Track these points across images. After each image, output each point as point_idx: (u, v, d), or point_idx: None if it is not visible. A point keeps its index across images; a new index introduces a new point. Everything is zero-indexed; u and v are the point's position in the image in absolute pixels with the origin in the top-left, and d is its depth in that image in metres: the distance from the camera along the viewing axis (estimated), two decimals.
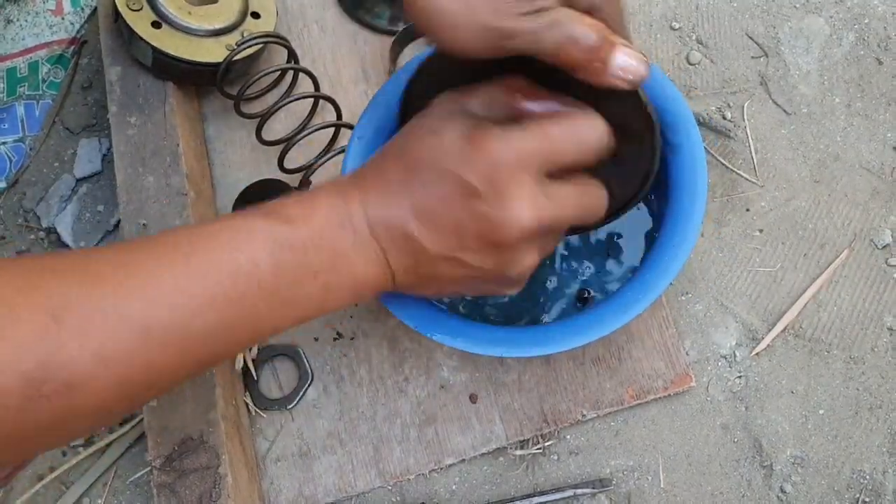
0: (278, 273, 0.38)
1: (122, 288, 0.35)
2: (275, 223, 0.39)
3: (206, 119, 0.67)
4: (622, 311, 0.47)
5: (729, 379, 0.58)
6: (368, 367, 0.59)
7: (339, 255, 0.40)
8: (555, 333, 0.48)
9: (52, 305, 0.33)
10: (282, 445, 0.58)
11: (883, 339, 0.59)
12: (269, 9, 0.66)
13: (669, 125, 0.49)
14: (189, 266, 0.36)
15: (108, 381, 0.34)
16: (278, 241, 0.38)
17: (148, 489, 0.59)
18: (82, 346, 0.33)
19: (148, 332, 0.35)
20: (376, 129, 0.52)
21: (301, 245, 0.39)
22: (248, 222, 0.39)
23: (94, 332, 0.33)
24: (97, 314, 0.34)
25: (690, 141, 0.49)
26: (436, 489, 0.57)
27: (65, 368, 0.32)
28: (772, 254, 0.61)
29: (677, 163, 0.49)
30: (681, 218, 0.48)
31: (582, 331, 0.47)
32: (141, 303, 0.35)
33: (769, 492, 0.56)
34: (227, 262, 0.37)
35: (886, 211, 0.62)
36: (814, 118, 0.64)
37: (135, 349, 0.34)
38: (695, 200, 0.48)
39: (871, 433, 0.57)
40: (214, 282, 0.36)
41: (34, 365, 0.32)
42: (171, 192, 0.59)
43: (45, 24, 0.71)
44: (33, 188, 0.68)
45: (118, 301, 0.34)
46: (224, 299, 0.37)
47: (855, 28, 0.67)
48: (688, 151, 0.49)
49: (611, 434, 0.57)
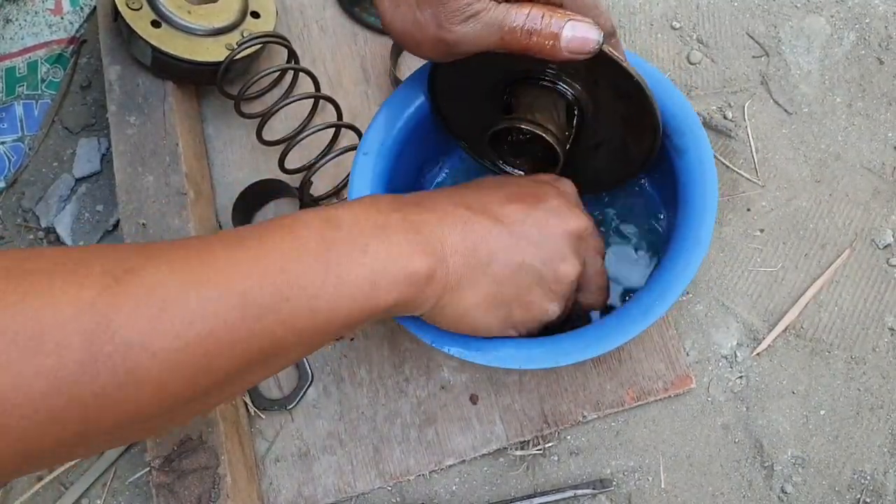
0: (327, 248, 0.38)
1: (176, 262, 0.35)
2: (320, 210, 0.41)
3: (205, 119, 0.67)
4: (641, 317, 0.46)
5: (730, 379, 0.58)
6: (368, 368, 0.59)
7: (390, 231, 0.41)
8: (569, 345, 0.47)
9: (112, 270, 0.34)
10: (281, 446, 0.58)
11: (884, 339, 0.59)
12: (269, 9, 0.66)
13: (676, 129, 0.50)
14: (243, 245, 0.37)
15: (169, 345, 0.34)
16: (326, 220, 0.40)
17: (147, 489, 0.59)
18: (142, 307, 0.33)
19: (205, 301, 0.35)
20: (382, 143, 0.51)
21: (347, 223, 0.40)
22: (296, 215, 0.40)
23: (153, 295, 0.34)
24: (156, 280, 0.34)
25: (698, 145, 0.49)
26: (436, 490, 0.57)
27: (124, 327, 0.32)
28: (773, 254, 0.61)
29: (685, 168, 0.49)
30: (693, 220, 0.48)
31: (598, 341, 0.46)
32: (197, 274, 0.35)
33: (770, 492, 0.56)
34: (278, 241, 0.38)
35: (888, 211, 0.61)
36: (815, 118, 0.64)
37: (193, 316, 0.34)
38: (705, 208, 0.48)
39: (872, 433, 0.57)
40: (268, 259, 0.37)
41: (95, 321, 0.32)
42: (170, 192, 0.59)
43: (44, 23, 0.71)
44: (32, 188, 0.68)
45: (175, 270, 0.35)
46: (279, 272, 0.37)
47: (856, 28, 0.67)
48: (695, 155, 0.49)
49: (611, 434, 0.57)
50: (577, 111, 0.48)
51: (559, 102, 0.48)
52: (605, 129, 0.50)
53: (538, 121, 0.46)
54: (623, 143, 0.51)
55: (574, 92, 0.48)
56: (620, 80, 0.45)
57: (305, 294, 0.37)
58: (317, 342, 0.40)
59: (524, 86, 0.48)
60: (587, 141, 0.51)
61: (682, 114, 0.50)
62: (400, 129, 0.52)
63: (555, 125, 0.47)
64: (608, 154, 0.52)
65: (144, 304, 0.33)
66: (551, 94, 0.48)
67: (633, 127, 0.49)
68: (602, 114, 0.49)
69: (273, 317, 0.37)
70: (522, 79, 0.48)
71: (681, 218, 0.49)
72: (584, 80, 0.47)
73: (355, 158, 0.51)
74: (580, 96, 0.48)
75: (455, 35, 0.41)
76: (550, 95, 0.48)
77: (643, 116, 0.47)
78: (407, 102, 0.52)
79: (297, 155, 0.61)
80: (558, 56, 0.41)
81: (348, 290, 0.39)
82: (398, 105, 0.52)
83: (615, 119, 0.49)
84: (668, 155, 0.50)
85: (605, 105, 0.48)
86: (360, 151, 0.51)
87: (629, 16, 0.68)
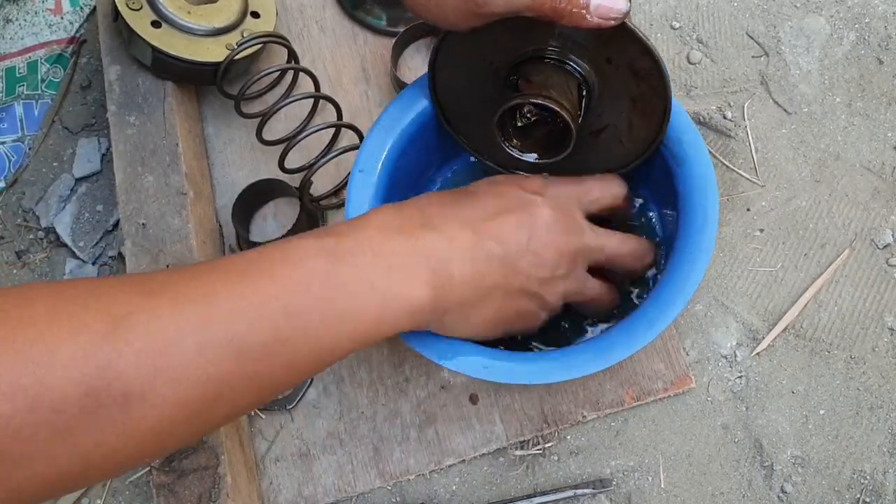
0: (330, 284, 0.38)
1: (178, 301, 0.35)
2: (325, 237, 0.40)
3: (205, 119, 0.67)
4: (649, 327, 0.46)
5: (729, 379, 0.58)
6: (368, 368, 0.59)
7: (395, 262, 0.40)
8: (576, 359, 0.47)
9: (112, 314, 0.33)
10: (281, 446, 0.58)
11: (884, 339, 0.59)
12: (269, 8, 0.66)
13: (673, 138, 0.49)
14: (244, 281, 0.37)
15: (168, 394, 0.33)
16: (330, 252, 0.39)
17: (147, 489, 0.59)
18: (140, 354, 0.33)
19: (204, 345, 0.34)
20: (378, 159, 0.51)
21: (351, 252, 0.39)
22: (299, 241, 0.40)
23: (152, 341, 0.33)
24: (155, 324, 0.34)
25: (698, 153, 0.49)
26: (436, 489, 0.57)
27: (123, 377, 0.32)
28: (772, 253, 0.61)
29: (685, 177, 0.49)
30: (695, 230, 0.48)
31: (603, 354, 0.46)
32: (196, 316, 0.35)
33: (770, 492, 0.56)
34: (281, 277, 0.37)
35: (887, 211, 0.61)
36: (814, 118, 0.64)
37: (191, 361, 0.34)
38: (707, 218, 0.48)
39: (871, 433, 0.57)
40: (269, 295, 0.37)
41: (93, 372, 0.32)
42: (170, 192, 0.59)
43: (44, 23, 0.71)
44: (32, 188, 0.68)
45: (175, 312, 0.34)
46: (280, 312, 0.36)
47: (855, 27, 0.67)
48: (696, 164, 0.49)
49: (611, 434, 0.57)
50: (585, 91, 0.48)
51: (571, 81, 0.47)
52: (610, 111, 0.49)
53: (553, 96, 0.45)
54: (628, 127, 0.50)
55: (583, 71, 0.47)
56: (637, 56, 0.45)
57: (306, 335, 0.37)
58: (316, 373, 0.40)
59: (534, 65, 0.47)
60: (590, 125, 0.50)
61: (680, 122, 0.49)
62: (395, 143, 0.52)
63: (569, 102, 0.46)
64: (609, 140, 0.51)
65: (143, 353, 0.33)
66: (562, 73, 0.47)
67: (641, 109, 0.48)
68: (609, 94, 0.48)
69: (272, 359, 0.36)
70: (530, 59, 0.47)
71: (682, 228, 0.48)
72: (594, 58, 0.46)
73: (351, 175, 0.51)
74: (588, 76, 0.47)
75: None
76: (561, 74, 0.47)
77: (654, 97, 0.47)
78: (403, 114, 0.52)
79: (297, 155, 0.61)
80: (584, 22, 0.41)
81: (352, 326, 0.39)
82: (394, 117, 0.52)
83: (623, 100, 0.48)
84: (666, 164, 0.50)
85: (615, 84, 0.47)
86: (356, 168, 0.51)
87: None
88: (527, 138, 0.49)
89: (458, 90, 0.52)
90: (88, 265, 0.65)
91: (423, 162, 0.57)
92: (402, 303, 0.40)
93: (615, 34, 0.42)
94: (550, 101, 0.44)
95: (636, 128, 0.50)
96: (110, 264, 0.65)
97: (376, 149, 0.51)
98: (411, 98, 0.53)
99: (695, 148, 0.49)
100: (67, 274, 0.65)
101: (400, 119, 0.52)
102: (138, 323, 0.33)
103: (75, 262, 0.65)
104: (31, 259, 0.66)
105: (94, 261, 0.65)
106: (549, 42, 0.46)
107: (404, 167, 0.53)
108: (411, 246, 0.41)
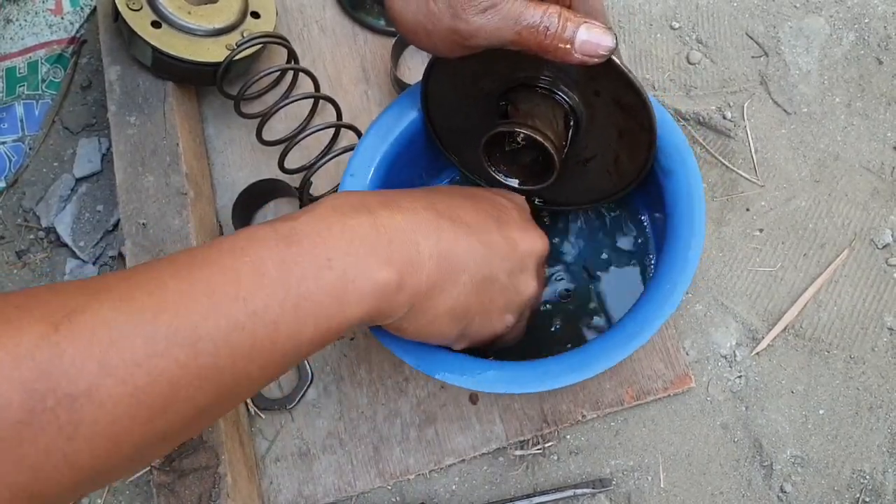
0: (286, 268, 0.36)
1: (124, 297, 0.33)
2: (278, 224, 0.38)
3: (205, 119, 0.67)
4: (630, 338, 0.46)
5: (729, 379, 0.58)
6: (368, 367, 0.59)
7: (355, 239, 0.38)
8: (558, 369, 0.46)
9: (52, 315, 0.31)
10: (281, 445, 0.58)
11: (883, 339, 0.59)
12: (269, 9, 0.66)
13: (662, 150, 0.49)
14: (193, 272, 0.35)
15: (117, 392, 0.31)
16: (285, 237, 0.37)
17: (148, 489, 0.59)
18: (85, 352, 0.31)
19: (153, 339, 0.32)
20: (370, 164, 0.51)
21: (307, 234, 0.37)
22: (254, 230, 0.38)
23: (96, 338, 0.31)
24: (99, 320, 0.32)
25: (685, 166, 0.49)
26: (436, 489, 0.57)
27: (66, 376, 0.30)
28: (772, 253, 0.61)
29: (672, 190, 0.49)
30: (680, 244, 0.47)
31: (586, 364, 0.46)
32: (144, 310, 0.33)
33: (769, 491, 0.56)
34: (233, 265, 0.36)
35: (887, 210, 0.62)
36: (814, 118, 0.64)
37: (141, 356, 0.32)
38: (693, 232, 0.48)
39: (871, 433, 0.57)
40: (221, 284, 0.35)
41: (35, 374, 0.30)
42: (170, 192, 0.59)
43: (44, 23, 0.71)
44: (33, 188, 0.68)
45: (121, 307, 0.33)
46: (233, 300, 0.35)
47: (855, 28, 0.67)
48: (683, 178, 0.49)
49: (611, 434, 0.57)
50: (573, 121, 0.48)
51: (557, 111, 0.47)
52: (598, 142, 0.49)
53: (538, 126, 0.45)
54: (615, 159, 0.50)
55: (571, 102, 0.47)
56: (623, 91, 0.45)
57: (263, 321, 0.35)
58: (284, 367, 0.37)
59: (523, 92, 0.47)
60: (578, 154, 0.50)
61: (669, 133, 0.49)
62: (388, 151, 0.52)
63: (553, 133, 0.46)
64: (597, 169, 0.51)
65: (87, 351, 0.31)
66: (550, 102, 0.47)
67: (628, 142, 0.48)
68: (597, 126, 0.48)
69: (229, 350, 0.34)
70: (520, 86, 0.47)
71: (668, 241, 0.48)
72: (583, 90, 0.47)
73: (342, 179, 0.51)
74: (576, 107, 0.47)
75: (471, 26, 0.40)
76: (549, 103, 0.47)
77: (641, 132, 0.47)
78: (397, 122, 0.52)
79: (297, 155, 0.61)
80: (569, 58, 0.41)
81: (311, 310, 0.36)
82: (387, 124, 0.52)
83: (610, 132, 0.48)
84: (654, 175, 0.50)
85: (603, 117, 0.48)
86: (348, 173, 0.51)
87: (628, 16, 0.68)
88: (514, 163, 0.50)
89: (448, 108, 0.52)
90: (89, 265, 0.65)
91: (415, 169, 0.57)
92: (364, 282, 0.37)
93: (602, 69, 0.42)
94: (534, 130, 0.45)
95: (623, 160, 0.50)
96: (111, 264, 0.65)
97: (368, 154, 0.52)
98: (405, 105, 0.53)
99: (682, 160, 0.49)
100: (68, 274, 0.65)
101: (393, 126, 0.52)
102: (81, 321, 0.31)
103: (76, 262, 0.65)
104: (32, 259, 0.66)
105: (95, 261, 0.65)
106: (542, 71, 0.46)
107: (396, 174, 0.53)
108: (371, 224, 0.39)
